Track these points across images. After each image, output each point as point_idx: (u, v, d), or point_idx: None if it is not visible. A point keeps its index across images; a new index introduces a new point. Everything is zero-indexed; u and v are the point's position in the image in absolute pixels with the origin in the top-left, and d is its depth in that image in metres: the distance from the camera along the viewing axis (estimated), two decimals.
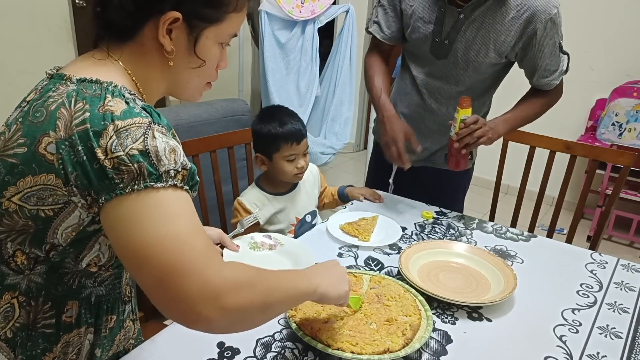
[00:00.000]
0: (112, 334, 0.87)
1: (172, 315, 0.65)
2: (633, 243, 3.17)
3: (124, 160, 0.63)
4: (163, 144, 0.66)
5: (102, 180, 0.64)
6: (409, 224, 1.49)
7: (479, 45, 1.41)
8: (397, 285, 1.11)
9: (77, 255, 0.74)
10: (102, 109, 0.65)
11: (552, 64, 1.43)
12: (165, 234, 0.63)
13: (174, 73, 0.78)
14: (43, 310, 0.77)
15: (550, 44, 1.39)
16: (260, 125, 1.46)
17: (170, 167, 0.66)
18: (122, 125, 0.64)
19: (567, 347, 0.98)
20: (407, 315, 1.00)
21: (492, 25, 1.38)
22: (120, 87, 0.70)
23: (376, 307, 1.02)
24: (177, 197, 0.67)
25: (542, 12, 1.33)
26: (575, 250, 1.40)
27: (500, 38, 1.39)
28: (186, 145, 1.54)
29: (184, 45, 0.75)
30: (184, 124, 2.17)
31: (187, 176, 0.69)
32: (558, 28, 1.38)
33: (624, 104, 3.08)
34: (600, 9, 3.26)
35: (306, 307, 1.00)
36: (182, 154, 0.70)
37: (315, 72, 3.07)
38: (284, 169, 1.46)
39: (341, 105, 3.20)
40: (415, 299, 1.06)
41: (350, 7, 3.04)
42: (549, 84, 1.48)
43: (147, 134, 0.66)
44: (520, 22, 1.36)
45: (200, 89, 0.84)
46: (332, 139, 3.24)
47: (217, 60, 0.81)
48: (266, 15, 2.79)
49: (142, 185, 0.64)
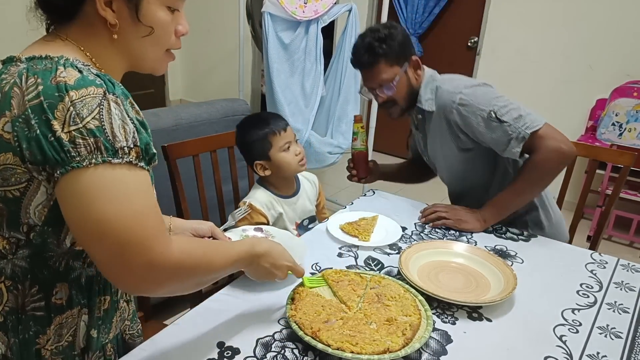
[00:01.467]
0: (108, 316, 0.86)
1: (118, 286, 0.76)
2: (633, 243, 3.16)
3: (81, 133, 0.64)
4: (117, 119, 0.67)
5: (58, 153, 0.64)
6: (409, 224, 1.49)
7: (439, 148, 1.59)
8: (397, 285, 1.11)
9: (57, 235, 0.74)
10: (54, 80, 0.65)
11: (499, 137, 1.40)
12: (120, 211, 0.65)
13: (125, 45, 0.76)
14: (31, 294, 0.76)
15: (478, 122, 1.42)
16: (245, 135, 1.48)
17: (123, 144, 0.66)
18: (77, 96, 0.64)
19: (567, 347, 0.98)
20: (407, 315, 1.00)
21: (434, 132, 1.56)
22: (72, 59, 0.69)
23: (376, 307, 1.02)
24: (133, 175, 0.68)
25: (449, 105, 1.46)
26: (575, 250, 1.40)
27: (444, 139, 1.54)
28: (186, 145, 1.56)
29: (127, 15, 0.73)
30: (184, 124, 2.17)
31: (140, 152, 0.69)
32: (474, 106, 1.42)
33: (624, 104, 3.08)
34: (600, 9, 3.26)
35: (306, 306, 1.00)
36: (133, 129, 0.69)
37: (320, 72, 3.06)
38: (285, 160, 1.46)
39: (347, 104, 3.19)
40: (415, 298, 1.06)
41: (353, 6, 3.04)
42: (514, 154, 1.41)
43: (102, 105, 0.66)
44: (442, 122, 1.50)
45: (161, 59, 0.82)
46: (339, 138, 3.23)
47: (168, 26, 0.78)
48: (269, 16, 2.78)
49: (100, 160, 0.64)
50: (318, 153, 3.08)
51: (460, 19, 3.96)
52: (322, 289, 1.09)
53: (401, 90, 1.52)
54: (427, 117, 1.57)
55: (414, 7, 4.05)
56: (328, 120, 3.26)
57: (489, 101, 1.41)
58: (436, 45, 4.14)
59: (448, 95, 1.46)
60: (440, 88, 1.50)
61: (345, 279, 1.11)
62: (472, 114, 1.42)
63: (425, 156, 1.73)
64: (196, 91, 5.59)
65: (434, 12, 4.00)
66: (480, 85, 1.47)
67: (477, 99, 1.42)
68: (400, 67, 1.50)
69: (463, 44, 3.99)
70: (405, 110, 1.58)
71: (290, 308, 1.00)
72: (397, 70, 1.50)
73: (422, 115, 1.58)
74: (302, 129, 3.00)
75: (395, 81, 1.50)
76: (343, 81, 3.14)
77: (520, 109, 1.41)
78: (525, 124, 1.38)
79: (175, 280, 0.74)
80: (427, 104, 1.52)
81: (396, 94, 1.52)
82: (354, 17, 3.04)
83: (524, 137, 1.38)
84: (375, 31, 1.50)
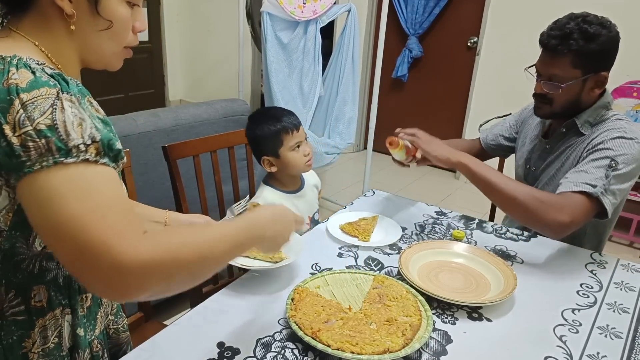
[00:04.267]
0: (92, 313, 0.85)
1: (90, 290, 0.66)
2: (633, 243, 3.16)
3: (31, 136, 0.61)
4: (71, 117, 0.63)
5: (10, 158, 0.61)
6: (409, 224, 1.49)
7: (560, 175, 1.38)
8: (400, 285, 1.11)
9: (26, 239, 0.72)
10: (6, 84, 0.62)
11: (583, 174, 1.27)
12: (76, 212, 0.61)
13: (82, 38, 0.74)
14: (8, 299, 0.75)
15: (595, 156, 1.29)
16: (257, 129, 1.47)
17: (79, 142, 0.63)
18: (28, 98, 0.62)
19: (567, 347, 0.98)
20: (408, 315, 1.00)
21: (563, 153, 1.42)
22: (26, 59, 0.66)
23: (377, 307, 1.02)
24: (91, 172, 0.64)
25: (601, 136, 1.32)
26: (575, 250, 1.40)
27: (567, 166, 1.40)
28: (186, 146, 1.56)
29: (85, 6, 0.71)
30: (184, 124, 2.17)
31: (101, 148, 0.65)
32: (613, 149, 1.28)
33: (624, 104, 3.08)
34: (600, 9, 3.26)
35: (306, 306, 1.00)
36: (91, 125, 0.65)
37: (318, 72, 3.06)
38: (294, 159, 1.46)
39: (344, 105, 3.19)
40: (416, 299, 1.06)
41: (352, 7, 3.04)
42: (565, 184, 1.28)
43: (56, 105, 0.63)
44: (578, 150, 1.37)
45: (118, 54, 0.79)
46: (336, 138, 3.23)
47: (127, 22, 0.76)
48: (268, 16, 2.78)
49: (52, 162, 0.61)
50: (315, 153, 3.07)
51: (460, 19, 3.96)
52: (323, 289, 1.09)
53: (565, 95, 1.34)
54: (570, 134, 1.42)
55: (414, 7, 4.05)
56: (325, 120, 3.26)
57: (626, 155, 1.27)
58: (436, 45, 4.14)
59: (609, 132, 1.32)
60: (609, 121, 1.36)
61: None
62: (604, 145, 1.29)
63: (528, 164, 1.57)
64: (196, 91, 5.59)
65: (434, 12, 4.00)
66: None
67: (622, 148, 1.28)
68: (583, 74, 1.32)
69: (463, 44, 3.99)
70: (554, 115, 1.42)
71: (290, 308, 1.00)
72: (577, 74, 1.31)
73: (567, 129, 1.42)
74: None
75: (567, 83, 1.32)
76: (341, 82, 3.15)
77: (625, 186, 1.28)
78: (603, 186, 1.24)
79: (155, 279, 0.65)
80: (584, 126, 1.38)
81: (558, 95, 1.35)
82: (352, 17, 3.04)
83: (583, 192, 1.24)
84: (587, 22, 1.29)
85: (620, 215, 1.49)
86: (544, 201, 1.24)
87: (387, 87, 4.34)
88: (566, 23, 1.31)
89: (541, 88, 1.37)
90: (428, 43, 4.18)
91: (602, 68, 1.32)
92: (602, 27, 1.29)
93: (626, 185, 1.29)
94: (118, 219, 0.63)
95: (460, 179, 4.15)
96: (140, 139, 2.01)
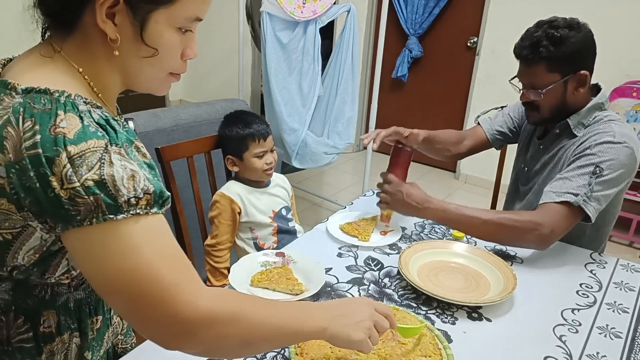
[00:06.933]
0: (99, 334, 0.84)
1: (148, 338, 0.66)
2: (633, 243, 3.17)
3: (79, 192, 0.58)
4: (121, 171, 0.60)
5: (57, 209, 0.59)
6: (409, 224, 1.49)
7: (553, 177, 1.37)
8: (413, 317, 1.01)
9: (42, 273, 0.70)
10: (53, 131, 0.59)
11: (567, 182, 1.29)
12: (129, 266, 0.60)
13: (122, 63, 0.69)
14: (17, 325, 0.73)
15: (581, 162, 1.30)
16: (228, 129, 1.56)
17: (130, 196, 0.60)
18: (76, 151, 0.58)
19: (567, 347, 0.98)
20: (427, 356, 0.90)
21: (562, 158, 1.40)
22: (74, 97, 0.62)
23: (391, 346, 0.92)
24: (142, 225, 0.62)
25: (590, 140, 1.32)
26: (575, 250, 1.40)
27: (557, 167, 1.41)
28: (180, 147, 1.55)
29: (129, 31, 0.66)
30: (184, 124, 2.17)
31: (153, 199, 0.63)
32: (599, 154, 1.28)
33: (624, 104, 3.08)
34: (599, 9, 3.26)
35: (313, 350, 0.90)
36: (143, 177, 0.63)
37: (318, 72, 3.06)
38: (254, 165, 1.52)
39: (344, 105, 3.19)
40: (433, 334, 0.96)
41: (351, 7, 3.04)
42: (548, 194, 1.30)
43: (104, 160, 0.60)
44: (570, 152, 1.38)
45: (162, 81, 0.74)
46: (335, 138, 3.23)
47: (176, 49, 0.71)
48: (268, 16, 2.78)
49: (102, 219, 0.59)
50: (314, 153, 3.08)
51: (460, 19, 3.96)
52: None
53: (549, 99, 1.36)
54: (564, 136, 1.42)
55: (414, 7, 4.05)
56: (325, 120, 3.26)
57: (612, 161, 1.27)
58: (436, 45, 4.15)
59: (597, 136, 1.32)
60: (601, 123, 1.35)
61: None
62: (590, 151, 1.29)
63: (523, 164, 1.58)
64: (196, 91, 5.59)
65: (434, 13, 4.00)
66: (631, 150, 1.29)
67: (608, 153, 1.27)
68: (562, 76, 1.32)
69: (463, 44, 3.99)
70: (545, 120, 1.43)
71: (295, 353, 0.88)
72: (555, 78, 1.32)
73: (560, 130, 1.42)
74: (299, 129, 3.00)
75: (546, 88, 1.33)
76: (340, 82, 3.15)
77: (610, 192, 1.28)
78: (585, 194, 1.25)
79: (211, 333, 0.64)
80: (577, 127, 1.38)
81: (542, 101, 1.36)
82: (352, 17, 3.04)
83: (565, 202, 1.25)
84: (554, 27, 1.31)
85: (620, 215, 1.49)
86: (518, 221, 1.27)
87: (387, 87, 4.34)
88: (534, 31, 1.33)
89: (525, 97, 1.40)
90: (428, 43, 4.18)
91: (579, 68, 1.33)
92: (570, 29, 1.30)
93: (613, 191, 1.29)
94: (173, 269, 0.63)
95: (460, 179, 4.15)
96: (140, 139, 1.98)
